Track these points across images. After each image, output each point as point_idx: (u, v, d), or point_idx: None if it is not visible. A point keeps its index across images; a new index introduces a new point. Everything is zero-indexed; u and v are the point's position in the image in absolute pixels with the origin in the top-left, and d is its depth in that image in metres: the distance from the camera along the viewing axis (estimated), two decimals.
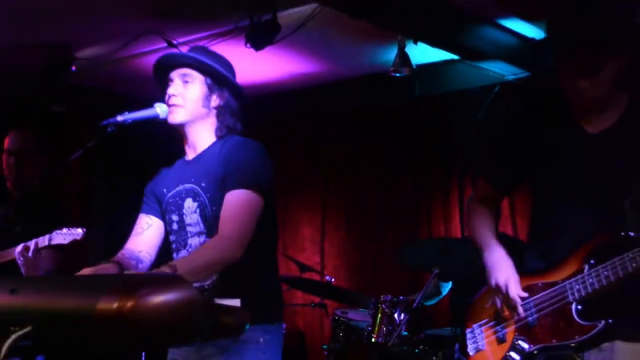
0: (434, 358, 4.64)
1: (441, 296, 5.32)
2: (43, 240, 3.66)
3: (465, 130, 6.46)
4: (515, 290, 2.55)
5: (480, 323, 2.74)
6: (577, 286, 2.44)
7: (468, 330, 2.77)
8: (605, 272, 2.37)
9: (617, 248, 2.36)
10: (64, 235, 3.63)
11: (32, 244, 3.59)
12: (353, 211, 7.12)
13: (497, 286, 2.60)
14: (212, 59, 2.84)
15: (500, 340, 2.63)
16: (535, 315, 2.53)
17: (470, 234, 2.86)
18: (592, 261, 2.42)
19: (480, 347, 2.69)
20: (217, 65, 2.81)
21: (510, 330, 2.60)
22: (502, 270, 2.62)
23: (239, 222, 2.60)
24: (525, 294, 2.56)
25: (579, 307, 2.43)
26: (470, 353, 2.71)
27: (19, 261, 3.66)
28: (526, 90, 6.03)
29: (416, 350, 4.49)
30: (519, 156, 2.73)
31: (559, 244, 2.56)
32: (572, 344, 2.44)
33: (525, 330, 2.56)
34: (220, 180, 2.69)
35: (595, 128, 2.57)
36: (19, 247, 3.63)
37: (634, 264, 2.30)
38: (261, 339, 2.66)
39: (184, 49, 4.35)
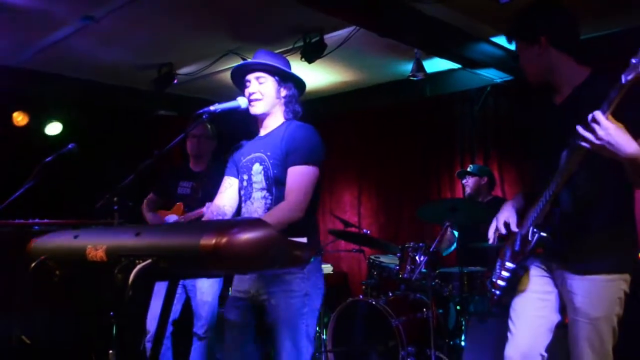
0: (445, 289, 4.59)
1: (453, 248, 5.24)
2: None
3: (465, 119, 6.38)
4: (501, 220, 2.57)
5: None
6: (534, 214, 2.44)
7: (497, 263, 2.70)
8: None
9: None
10: None
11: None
12: (381, 183, 7.06)
13: (496, 219, 2.59)
14: (275, 59, 2.79)
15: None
16: (518, 245, 2.49)
17: None
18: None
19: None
20: (280, 64, 2.76)
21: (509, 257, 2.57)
22: (502, 211, 2.60)
23: (300, 191, 2.58)
24: (515, 229, 2.52)
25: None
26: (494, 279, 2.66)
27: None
28: (509, 89, 5.92)
29: (432, 283, 4.42)
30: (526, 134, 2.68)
31: (538, 187, 2.47)
32: (525, 253, 2.43)
33: (514, 255, 2.52)
34: (283, 153, 2.66)
35: (558, 100, 2.48)
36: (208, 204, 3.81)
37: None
38: (305, 270, 2.61)
39: None
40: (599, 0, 4.33)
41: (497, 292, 2.54)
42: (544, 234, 2.34)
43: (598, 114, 1.96)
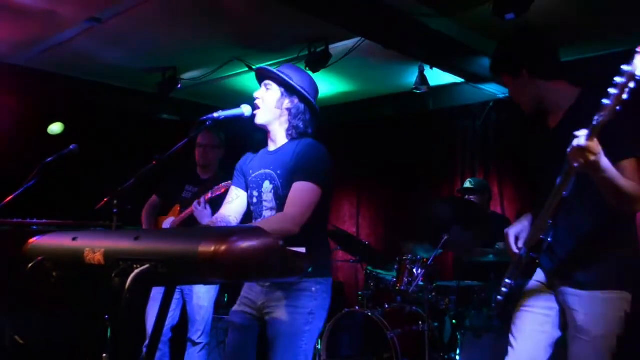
0: (442, 303, 4.57)
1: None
2: (207, 194, 3.85)
3: (466, 134, 6.38)
4: (510, 236, 2.52)
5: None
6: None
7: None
8: None
9: None
10: (219, 188, 3.81)
11: (202, 199, 3.71)
12: (380, 194, 7.06)
13: (507, 233, 2.54)
14: (293, 74, 2.76)
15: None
16: (517, 262, 2.47)
17: None
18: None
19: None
20: (291, 79, 2.72)
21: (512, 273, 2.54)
22: (516, 225, 2.56)
23: (300, 206, 2.52)
24: (514, 248, 2.49)
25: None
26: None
27: (195, 212, 3.78)
28: (512, 105, 5.90)
29: (429, 296, 4.42)
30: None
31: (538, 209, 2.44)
32: (519, 272, 2.43)
33: (512, 273, 2.50)
34: (292, 171, 2.61)
35: (552, 124, 2.49)
36: (195, 202, 3.77)
37: None
38: (313, 289, 2.60)
39: None
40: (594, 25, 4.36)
41: (496, 307, 2.54)
42: (533, 255, 2.35)
43: (581, 139, 1.97)
